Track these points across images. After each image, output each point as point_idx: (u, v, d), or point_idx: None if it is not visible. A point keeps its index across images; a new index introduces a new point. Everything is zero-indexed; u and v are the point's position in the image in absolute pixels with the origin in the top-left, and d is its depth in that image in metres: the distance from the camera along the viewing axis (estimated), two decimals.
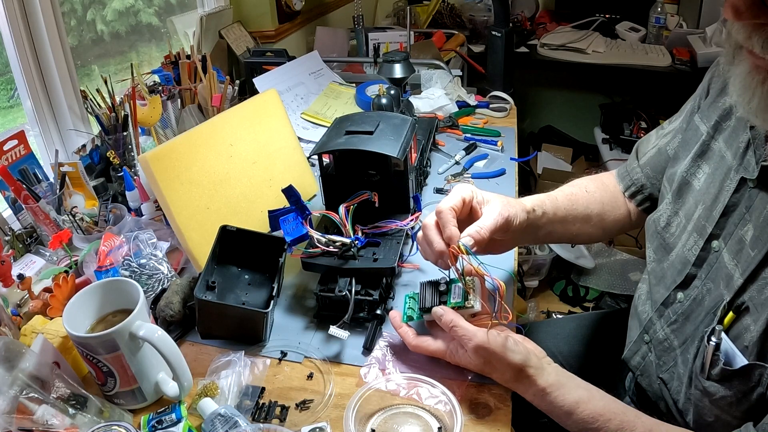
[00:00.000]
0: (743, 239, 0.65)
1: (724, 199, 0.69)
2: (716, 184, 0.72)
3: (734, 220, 0.67)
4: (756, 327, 0.60)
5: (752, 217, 0.65)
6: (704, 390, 0.66)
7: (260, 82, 1.47)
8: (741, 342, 0.62)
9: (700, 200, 0.74)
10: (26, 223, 1.00)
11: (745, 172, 0.66)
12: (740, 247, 0.65)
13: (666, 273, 0.78)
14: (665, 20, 2.42)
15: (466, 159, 1.29)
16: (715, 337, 0.64)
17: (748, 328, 0.61)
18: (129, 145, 1.14)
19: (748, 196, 0.66)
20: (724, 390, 0.64)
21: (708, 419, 0.67)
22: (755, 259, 0.62)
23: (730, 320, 0.64)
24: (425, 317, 0.74)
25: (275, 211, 0.85)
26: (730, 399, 0.63)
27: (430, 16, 2.49)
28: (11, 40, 1.07)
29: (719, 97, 0.77)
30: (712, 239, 0.70)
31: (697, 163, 0.77)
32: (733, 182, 0.68)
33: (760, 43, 0.55)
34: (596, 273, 2.18)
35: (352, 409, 0.64)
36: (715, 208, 0.70)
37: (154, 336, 0.64)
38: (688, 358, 0.70)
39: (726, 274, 0.66)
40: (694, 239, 0.73)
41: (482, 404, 0.68)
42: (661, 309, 0.78)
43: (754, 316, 0.61)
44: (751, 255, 0.63)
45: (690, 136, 0.81)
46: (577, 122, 2.86)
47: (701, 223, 0.73)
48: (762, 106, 0.59)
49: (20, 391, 0.60)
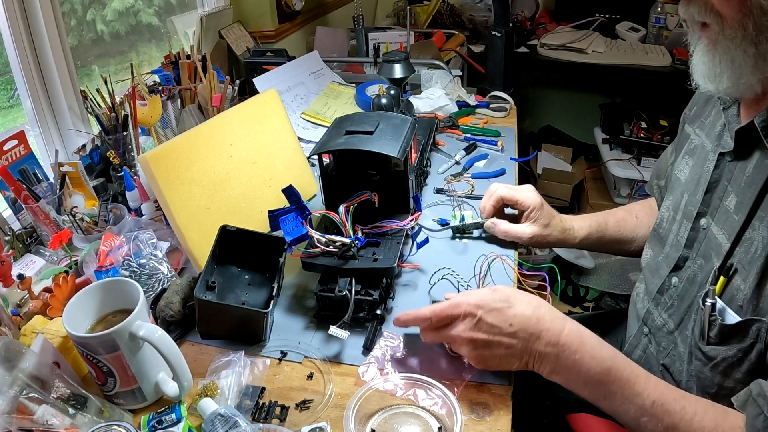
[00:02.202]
0: (728, 209, 0.68)
1: (706, 179, 0.73)
2: (698, 171, 0.77)
3: (718, 194, 0.71)
4: (746, 285, 0.63)
5: (734, 187, 0.68)
6: (705, 356, 0.67)
7: (260, 82, 1.47)
8: (735, 303, 0.64)
9: (685, 189, 0.79)
10: (26, 223, 1.00)
11: (722, 149, 0.71)
12: (726, 216, 0.68)
13: (661, 264, 0.81)
14: (665, 20, 2.42)
15: (466, 159, 1.29)
16: (709, 297, 0.66)
17: (739, 288, 0.64)
18: (129, 145, 1.14)
19: (727, 170, 0.70)
20: (725, 351, 0.65)
21: (711, 390, 0.68)
22: (739, 221, 0.65)
23: (722, 285, 0.66)
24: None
25: (275, 211, 0.85)
26: (731, 360, 0.65)
27: (430, 16, 2.49)
28: (11, 40, 1.07)
29: (705, 106, 0.83)
30: (699, 218, 0.74)
31: (684, 159, 0.83)
32: (711, 162, 0.73)
33: (696, 11, 0.63)
34: (596, 273, 2.18)
35: (352, 409, 0.64)
36: (699, 190, 0.74)
37: (154, 336, 0.64)
38: (686, 334, 0.72)
39: (716, 245, 0.69)
40: (685, 225, 0.77)
41: (482, 404, 0.68)
42: (657, 297, 0.80)
43: (743, 275, 0.63)
44: (735, 219, 0.66)
45: (682, 141, 0.87)
46: (577, 122, 2.86)
47: (688, 208, 0.76)
48: (704, 70, 0.66)
49: (20, 391, 0.60)
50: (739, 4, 0.59)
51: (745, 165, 0.67)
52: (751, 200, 0.64)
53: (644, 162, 2.28)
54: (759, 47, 0.60)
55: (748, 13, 0.59)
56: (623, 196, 2.36)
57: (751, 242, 0.63)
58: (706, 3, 0.62)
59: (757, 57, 0.61)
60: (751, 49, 0.60)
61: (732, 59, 0.62)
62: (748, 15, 0.59)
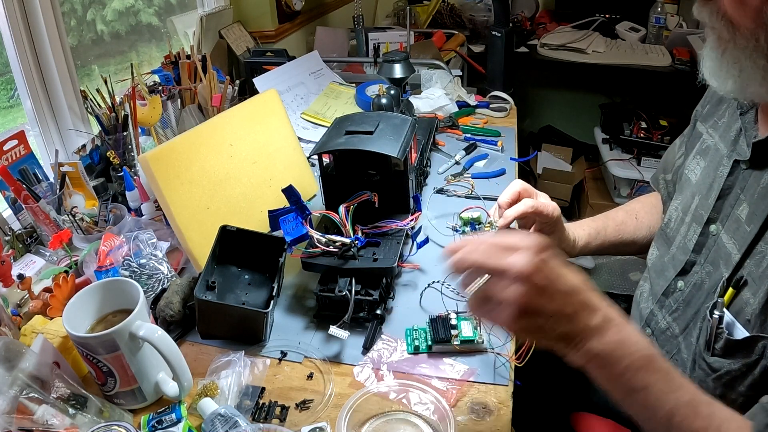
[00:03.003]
0: (739, 218, 0.67)
1: (719, 184, 0.71)
2: (711, 174, 0.75)
3: (730, 201, 0.70)
4: (756, 300, 0.61)
5: (747, 196, 0.67)
6: (709, 367, 0.67)
7: (260, 82, 1.47)
8: (743, 316, 0.63)
9: (696, 192, 0.77)
10: (26, 223, 1.00)
11: (738, 156, 0.69)
12: (737, 225, 0.67)
13: (666, 266, 0.80)
14: (665, 20, 2.42)
15: (466, 159, 1.29)
16: (717, 310, 0.65)
17: (748, 302, 0.62)
18: (129, 145, 1.14)
19: (741, 177, 0.69)
20: (729, 364, 0.64)
21: None
22: (751, 233, 0.63)
23: (730, 296, 0.65)
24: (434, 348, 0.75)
25: (275, 211, 0.85)
26: (735, 373, 0.64)
27: (430, 16, 2.49)
28: (11, 40, 1.07)
29: (719, 105, 0.81)
30: (710, 223, 0.72)
31: (696, 159, 0.81)
32: (726, 167, 0.71)
33: (707, 15, 0.61)
34: (596, 273, 2.18)
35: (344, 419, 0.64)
36: (711, 195, 0.73)
37: (154, 336, 0.64)
38: (691, 341, 0.71)
39: (725, 254, 0.68)
40: (694, 228, 0.75)
41: (482, 404, 0.68)
42: (662, 299, 0.79)
43: (753, 289, 0.62)
44: (747, 230, 0.64)
45: (694, 140, 0.85)
46: (577, 122, 2.86)
47: (698, 212, 0.75)
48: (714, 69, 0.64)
49: (20, 391, 0.60)
50: (755, 14, 0.56)
51: (760, 175, 0.65)
52: (765, 212, 0.62)
53: (644, 162, 2.28)
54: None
55: (762, 25, 0.56)
56: (623, 196, 2.36)
57: (762, 256, 0.62)
58: (719, 9, 0.59)
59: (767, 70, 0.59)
60: (761, 61, 0.58)
61: (741, 68, 0.60)
62: (761, 26, 0.57)
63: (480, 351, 0.75)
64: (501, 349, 0.75)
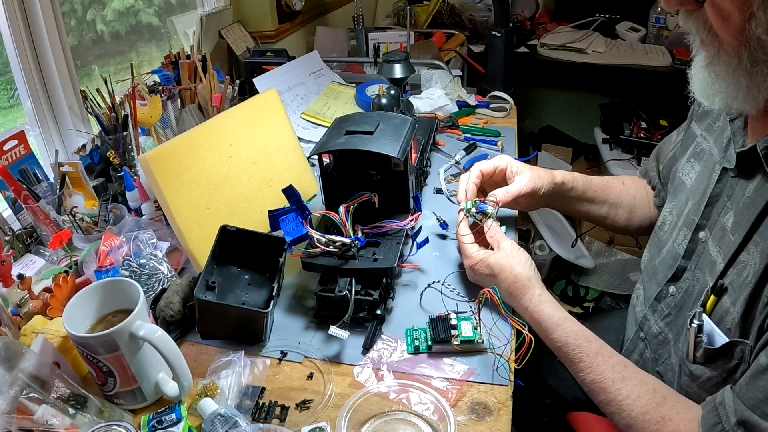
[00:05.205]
0: (725, 227, 0.67)
1: (709, 190, 0.72)
2: (705, 180, 0.75)
3: (717, 209, 0.70)
4: (736, 308, 0.62)
5: (733, 205, 0.67)
6: (691, 374, 0.67)
7: (260, 82, 1.47)
8: (724, 325, 0.63)
9: (690, 196, 0.77)
10: (26, 223, 1.00)
11: (726, 163, 0.69)
12: (722, 234, 0.67)
13: (658, 269, 0.80)
14: (665, 20, 2.41)
15: (466, 159, 1.29)
16: (696, 319, 0.66)
17: (728, 310, 0.63)
18: (129, 145, 1.14)
19: (729, 185, 0.69)
20: (710, 371, 0.65)
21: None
22: (735, 243, 0.64)
23: (712, 303, 0.65)
24: (434, 348, 0.76)
25: (275, 211, 0.85)
26: (716, 380, 0.64)
27: (430, 16, 2.49)
28: (11, 40, 1.07)
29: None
30: (699, 230, 0.72)
31: (690, 162, 0.81)
32: (716, 174, 0.71)
33: (695, 26, 0.62)
34: (596, 273, 2.18)
35: (344, 419, 0.64)
36: (702, 201, 0.73)
37: (154, 336, 0.64)
38: (679, 347, 0.72)
39: (710, 262, 0.68)
40: (684, 233, 0.76)
41: (482, 404, 0.68)
42: (654, 304, 0.79)
43: (733, 297, 0.62)
44: (731, 240, 0.65)
45: (688, 140, 0.85)
46: (577, 122, 2.86)
47: (690, 217, 0.75)
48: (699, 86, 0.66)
49: (20, 391, 0.60)
50: (737, 32, 0.56)
51: (746, 185, 0.65)
52: (749, 222, 0.62)
53: (644, 162, 2.28)
54: (752, 79, 0.58)
55: (745, 43, 0.56)
56: None
57: (744, 266, 0.62)
58: (705, 21, 0.59)
59: (750, 88, 0.59)
60: (744, 80, 0.59)
61: (727, 85, 0.61)
62: (744, 44, 0.56)
63: (480, 351, 0.75)
64: (501, 349, 0.75)
